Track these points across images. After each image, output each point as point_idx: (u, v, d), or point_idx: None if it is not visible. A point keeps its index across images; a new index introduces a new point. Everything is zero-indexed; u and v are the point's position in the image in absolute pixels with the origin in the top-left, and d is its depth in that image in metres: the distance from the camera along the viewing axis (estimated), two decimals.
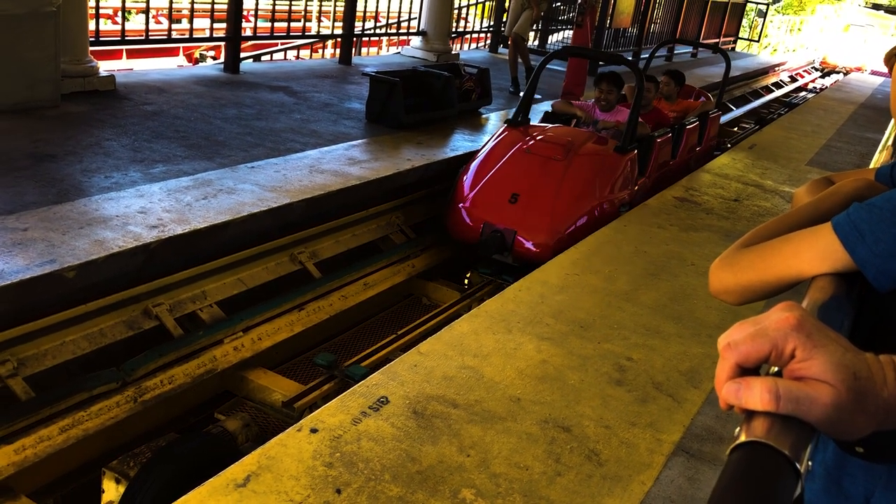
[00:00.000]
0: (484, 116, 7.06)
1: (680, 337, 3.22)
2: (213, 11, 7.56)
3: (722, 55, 8.12)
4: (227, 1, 7.05)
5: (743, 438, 0.56)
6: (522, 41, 8.72)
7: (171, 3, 7.35)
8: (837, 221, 0.90)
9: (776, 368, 0.61)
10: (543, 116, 5.98)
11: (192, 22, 7.52)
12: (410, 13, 10.26)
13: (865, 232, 0.86)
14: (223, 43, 7.47)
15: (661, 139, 5.77)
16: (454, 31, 10.68)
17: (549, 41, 12.68)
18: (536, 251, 4.50)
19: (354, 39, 9.02)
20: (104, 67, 5.90)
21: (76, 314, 3.02)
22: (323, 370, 3.41)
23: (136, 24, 10.62)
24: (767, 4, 21.61)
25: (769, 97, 13.65)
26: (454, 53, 9.94)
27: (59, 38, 4.90)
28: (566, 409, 2.55)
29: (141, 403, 2.99)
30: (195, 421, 3.31)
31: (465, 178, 4.92)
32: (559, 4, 12.65)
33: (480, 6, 12.65)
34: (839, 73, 19.65)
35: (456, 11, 10.75)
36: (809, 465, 0.57)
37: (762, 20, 21.64)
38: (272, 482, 2.00)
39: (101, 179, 3.89)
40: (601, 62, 9.54)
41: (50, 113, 4.85)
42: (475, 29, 12.21)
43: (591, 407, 2.59)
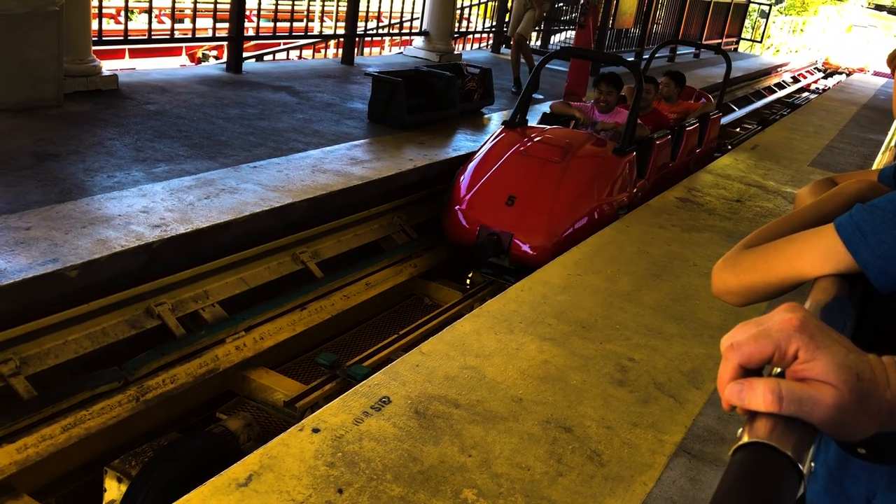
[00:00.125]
0: (486, 116, 7.06)
1: (682, 337, 3.22)
2: (215, 11, 7.57)
3: (723, 56, 8.03)
4: (229, 1, 7.05)
5: (745, 439, 0.56)
6: (525, 42, 8.72)
7: (173, 2, 7.35)
8: (840, 223, 0.89)
9: (779, 369, 0.61)
10: (541, 118, 5.91)
11: (194, 22, 7.53)
12: (413, 13, 10.27)
13: (868, 233, 0.86)
14: (226, 43, 7.47)
15: (660, 141, 5.69)
16: (456, 31, 10.68)
17: (551, 42, 12.67)
18: (533, 254, 4.45)
19: (357, 39, 9.02)
20: (107, 67, 5.91)
21: (78, 313, 3.02)
22: (325, 370, 3.41)
23: (138, 23, 10.62)
24: (770, 5, 21.60)
25: (772, 98, 13.64)
26: (456, 53, 9.94)
27: (61, 37, 4.91)
28: (568, 409, 2.55)
29: (143, 403, 2.99)
30: (197, 420, 3.32)
31: (461, 179, 4.86)
32: (561, 5, 12.64)
33: (483, 6, 12.64)
34: (842, 73, 19.63)
35: (458, 12, 10.74)
36: (812, 466, 0.57)
37: (765, 21, 21.63)
38: (274, 482, 2.00)
39: (103, 179, 3.90)
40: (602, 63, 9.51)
41: (53, 112, 4.86)
42: (477, 29, 12.21)
43: (592, 407, 2.59)
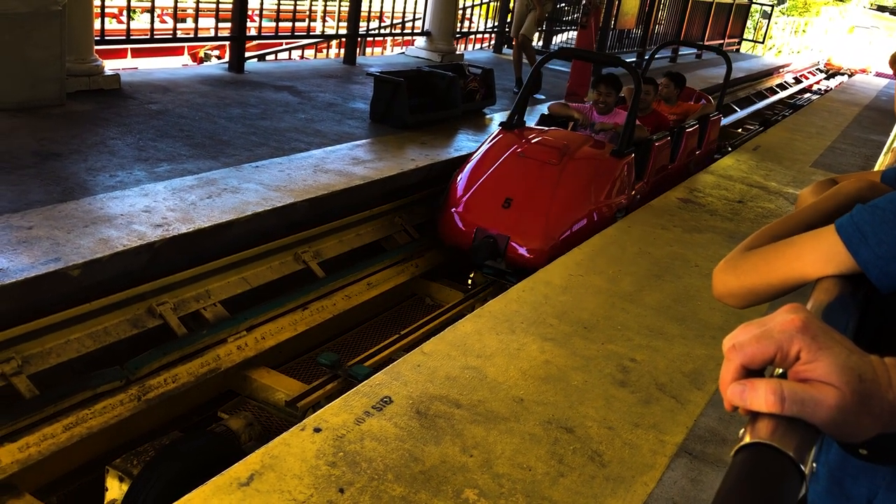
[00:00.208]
0: (488, 117, 7.06)
1: (683, 338, 3.22)
2: (217, 11, 7.59)
3: (723, 57, 7.94)
4: (231, 0, 7.06)
5: (747, 440, 0.56)
6: (529, 42, 8.72)
7: (176, 2, 7.34)
8: (840, 223, 0.89)
9: (781, 370, 0.61)
10: (539, 119, 5.84)
11: (196, 21, 7.53)
12: (415, 13, 10.27)
13: (868, 234, 0.85)
14: (228, 42, 7.48)
15: (659, 143, 5.62)
16: (458, 31, 10.68)
17: (553, 42, 12.67)
18: (530, 257, 4.39)
19: (359, 39, 9.03)
20: (109, 66, 5.91)
21: (80, 312, 3.03)
22: (326, 370, 3.41)
23: (141, 23, 10.63)
24: (772, 6, 21.58)
25: (773, 98, 13.63)
26: (458, 54, 9.94)
27: (64, 36, 4.91)
28: (569, 409, 2.55)
29: (145, 402, 3.00)
30: (199, 420, 3.33)
31: (458, 181, 4.79)
32: (563, 5, 12.64)
33: (485, 7, 12.64)
34: (844, 74, 19.62)
35: (460, 12, 10.74)
36: (814, 466, 0.57)
37: (767, 22, 21.61)
38: (275, 481, 2.00)
39: (105, 178, 3.90)
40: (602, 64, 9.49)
41: (55, 112, 4.86)
42: (479, 29, 12.21)
43: (594, 408, 2.59)
